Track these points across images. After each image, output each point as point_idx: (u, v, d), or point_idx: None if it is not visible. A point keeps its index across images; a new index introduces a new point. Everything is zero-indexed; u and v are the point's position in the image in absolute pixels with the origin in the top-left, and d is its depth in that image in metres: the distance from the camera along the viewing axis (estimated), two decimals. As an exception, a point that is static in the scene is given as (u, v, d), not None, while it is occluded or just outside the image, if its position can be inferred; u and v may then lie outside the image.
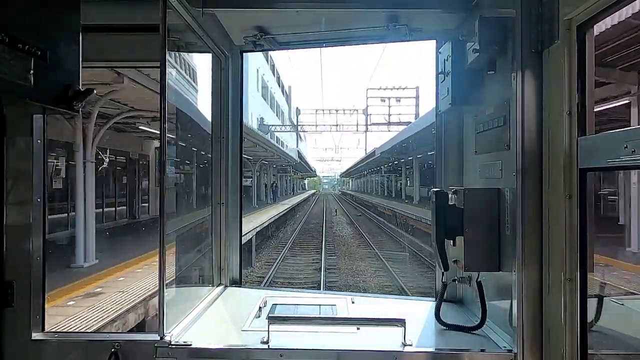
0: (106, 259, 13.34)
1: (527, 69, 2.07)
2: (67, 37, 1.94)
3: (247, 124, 28.31)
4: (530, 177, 2.08)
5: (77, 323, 7.99)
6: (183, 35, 2.93)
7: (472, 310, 2.79)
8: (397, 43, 3.21)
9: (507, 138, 2.22)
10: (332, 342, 2.32)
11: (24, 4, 1.73)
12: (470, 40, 2.52)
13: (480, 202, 2.39)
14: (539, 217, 2.07)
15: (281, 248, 25.04)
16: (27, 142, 2.32)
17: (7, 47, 1.61)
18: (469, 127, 2.84)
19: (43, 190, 2.39)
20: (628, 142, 1.58)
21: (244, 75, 3.48)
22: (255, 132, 28.40)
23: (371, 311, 3.01)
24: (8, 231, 2.30)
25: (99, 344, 2.31)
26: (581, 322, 1.90)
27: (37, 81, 1.74)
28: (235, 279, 3.46)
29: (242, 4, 2.74)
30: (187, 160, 5.77)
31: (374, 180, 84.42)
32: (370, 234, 30.84)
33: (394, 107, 72.42)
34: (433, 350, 2.30)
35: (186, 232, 3.82)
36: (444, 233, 2.48)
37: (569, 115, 1.91)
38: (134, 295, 9.76)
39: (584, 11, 1.83)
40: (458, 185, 2.83)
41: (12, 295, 2.28)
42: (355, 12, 2.83)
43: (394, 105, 63.85)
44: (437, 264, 2.63)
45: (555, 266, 1.99)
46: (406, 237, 27.52)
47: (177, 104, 3.29)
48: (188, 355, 2.25)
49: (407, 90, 64.51)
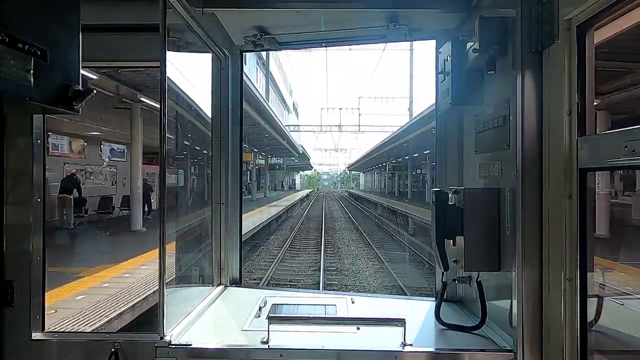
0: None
1: (527, 69, 2.07)
2: (67, 37, 1.94)
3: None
4: (530, 177, 2.08)
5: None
6: (183, 35, 2.93)
7: (472, 310, 2.79)
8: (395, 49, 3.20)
9: (507, 138, 2.22)
10: (332, 342, 2.32)
11: (23, 3, 1.73)
12: (470, 40, 2.52)
13: (480, 202, 2.39)
14: (539, 217, 2.07)
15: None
16: (27, 142, 2.32)
17: (7, 46, 1.61)
18: (469, 127, 2.84)
19: (43, 190, 2.40)
20: (628, 142, 1.58)
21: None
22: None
23: (371, 311, 3.01)
24: (8, 231, 2.30)
25: (99, 343, 2.31)
26: (581, 322, 1.90)
27: (37, 81, 1.74)
28: (235, 278, 3.46)
29: (242, 4, 2.74)
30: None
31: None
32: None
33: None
34: (433, 350, 2.30)
35: (197, 228, 3.81)
36: (444, 233, 2.48)
37: (569, 115, 1.91)
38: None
39: (584, 11, 1.83)
40: (458, 185, 2.83)
41: (12, 295, 2.28)
42: (355, 12, 2.83)
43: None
44: (437, 264, 2.63)
45: (555, 266, 1.99)
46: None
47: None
48: (188, 355, 2.25)
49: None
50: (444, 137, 3.07)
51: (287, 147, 52.31)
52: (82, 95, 1.95)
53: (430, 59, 3.37)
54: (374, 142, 66.00)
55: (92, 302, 8.73)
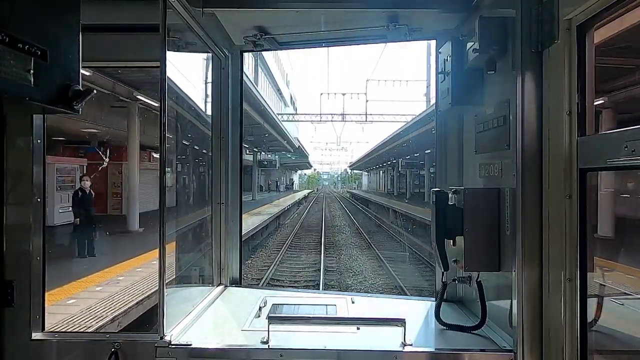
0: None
1: (527, 69, 2.07)
2: (67, 37, 1.94)
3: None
4: (530, 177, 2.08)
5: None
6: (183, 35, 2.93)
7: (472, 310, 2.79)
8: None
9: (507, 138, 2.22)
10: (332, 342, 2.32)
11: (24, 3, 1.73)
12: (470, 40, 2.52)
13: (480, 202, 2.39)
14: (539, 217, 2.07)
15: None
16: (27, 141, 2.32)
17: (7, 46, 1.61)
18: (469, 127, 2.84)
19: (43, 190, 2.40)
20: (628, 142, 1.58)
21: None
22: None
23: (371, 311, 3.01)
24: (8, 231, 2.30)
25: (99, 343, 2.31)
26: (581, 322, 1.90)
27: (37, 81, 1.73)
28: (235, 278, 3.46)
29: (242, 4, 2.74)
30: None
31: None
32: None
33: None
34: (433, 350, 2.30)
35: (197, 227, 3.81)
36: (444, 233, 2.48)
37: (569, 115, 1.91)
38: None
39: (584, 11, 1.83)
40: (458, 185, 2.83)
41: (12, 295, 2.28)
42: (355, 12, 2.83)
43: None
44: (437, 264, 2.63)
45: (555, 266, 1.99)
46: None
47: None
48: (188, 355, 2.25)
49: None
50: (444, 137, 3.07)
51: (278, 138, 44.57)
52: (82, 95, 1.95)
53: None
54: (383, 134, 57.07)
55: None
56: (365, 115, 48.87)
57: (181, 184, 5.00)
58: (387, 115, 48.96)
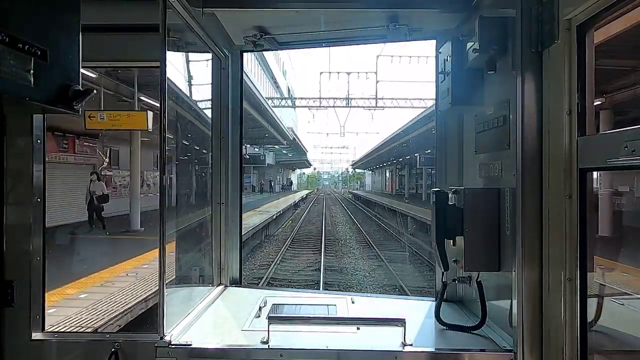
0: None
1: (527, 69, 2.07)
2: (67, 37, 1.94)
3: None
4: (530, 177, 2.08)
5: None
6: (183, 35, 2.93)
7: (472, 310, 2.79)
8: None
9: (507, 138, 2.22)
10: (332, 342, 2.32)
11: (24, 3, 1.73)
12: (470, 40, 2.52)
13: (480, 202, 2.39)
14: (539, 217, 2.07)
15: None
16: (27, 141, 2.32)
17: (7, 46, 1.61)
18: (469, 127, 2.84)
19: (43, 190, 2.40)
20: (628, 142, 1.58)
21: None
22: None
23: (371, 311, 3.01)
24: (8, 231, 2.30)
25: (99, 343, 2.31)
26: (581, 322, 1.90)
27: (37, 81, 1.73)
28: (235, 278, 3.46)
29: (242, 4, 2.73)
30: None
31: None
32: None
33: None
34: (433, 350, 2.29)
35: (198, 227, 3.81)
36: (444, 233, 2.48)
37: (569, 115, 1.91)
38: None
39: (584, 11, 1.83)
40: (458, 185, 2.83)
41: (12, 295, 2.28)
42: (355, 12, 2.83)
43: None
44: (437, 264, 2.63)
45: (555, 266, 1.99)
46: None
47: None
48: (188, 355, 2.25)
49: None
50: (444, 137, 3.07)
51: (266, 126, 36.63)
52: (82, 95, 1.95)
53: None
54: (397, 123, 46.85)
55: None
56: (376, 100, 38.38)
57: (181, 184, 5.00)
58: (402, 100, 38.16)
